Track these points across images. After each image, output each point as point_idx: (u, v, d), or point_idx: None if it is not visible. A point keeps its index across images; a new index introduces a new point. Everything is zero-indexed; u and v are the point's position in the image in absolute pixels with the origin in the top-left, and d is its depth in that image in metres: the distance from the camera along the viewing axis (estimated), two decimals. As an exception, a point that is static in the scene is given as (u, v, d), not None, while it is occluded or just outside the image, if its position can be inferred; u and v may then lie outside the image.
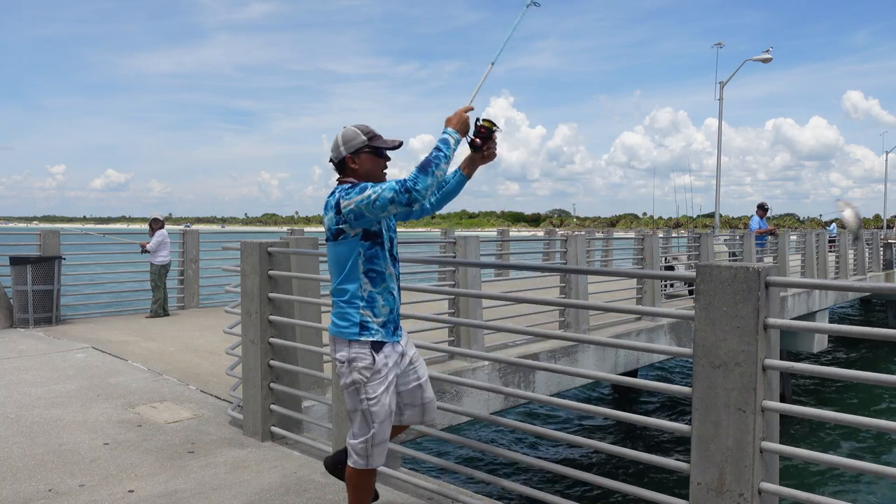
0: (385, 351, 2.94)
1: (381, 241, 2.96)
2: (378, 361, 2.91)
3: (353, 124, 3.04)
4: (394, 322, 2.99)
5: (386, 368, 2.94)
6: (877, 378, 2.55)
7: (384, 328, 2.94)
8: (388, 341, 2.95)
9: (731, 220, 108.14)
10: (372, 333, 2.91)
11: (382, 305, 2.94)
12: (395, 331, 3.00)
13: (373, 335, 2.91)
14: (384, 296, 2.94)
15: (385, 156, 3.03)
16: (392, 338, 2.98)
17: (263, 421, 4.79)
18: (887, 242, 23.40)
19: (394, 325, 2.99)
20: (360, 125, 3.03)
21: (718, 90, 22.36)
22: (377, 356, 2.91)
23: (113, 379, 6.60)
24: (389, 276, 2.98)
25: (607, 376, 3.59)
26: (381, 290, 2.94)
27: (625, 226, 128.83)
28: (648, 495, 3.04)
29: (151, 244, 10.97)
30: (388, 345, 2.96)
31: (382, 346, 2.94)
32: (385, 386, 2.93)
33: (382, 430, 2.97)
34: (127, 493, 3.89)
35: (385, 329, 2.94)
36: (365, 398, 2.92)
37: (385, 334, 2.94)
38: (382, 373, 2.92)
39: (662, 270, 12.96)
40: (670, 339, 10.18)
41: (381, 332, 2.92)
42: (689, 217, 43.88)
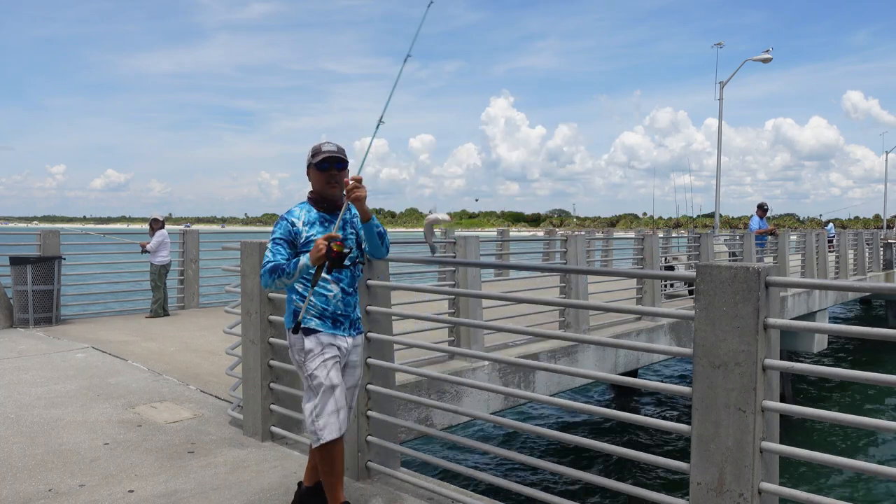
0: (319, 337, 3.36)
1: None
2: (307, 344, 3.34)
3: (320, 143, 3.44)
4: (331, 317, 3.37)
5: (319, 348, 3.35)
6: (877, 378, 2.55)
7: (320, 320, 3.35)
8: (322, 331, 3.35)
9: (731, 220, 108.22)
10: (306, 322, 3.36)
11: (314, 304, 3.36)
12: (333, 325, 3.38)
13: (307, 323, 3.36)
14: (316, 295, 3.35)
15: (324, 168, 3.36)
16: (330, 329, 3.37)
17: (263, 421, 4.79)
18: (887, 242, 23.41)
19: (331, 320, 3.37)
20: (317, 145, 3.43)
21: (718, 90, 22.36)
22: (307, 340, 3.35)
23: (113, 379, 6.60)
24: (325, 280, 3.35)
25: (607, 376, 3.59)
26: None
27: (625, 226, 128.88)
28: (648, 495, 3.04)
29: (151, 244, 10.98)
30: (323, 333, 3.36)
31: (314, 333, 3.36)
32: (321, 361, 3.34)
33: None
34: (127, 493, 3.89)
35: (321, 321, 3.35)
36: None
37: (319, 324, 3.35)
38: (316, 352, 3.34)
39: (662, 270, 12.96)
40: (670, 339, 10.18)
41: (314, 322, 3.34)
42: (689, 217, 43.89)
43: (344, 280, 3.38)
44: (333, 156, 3.32)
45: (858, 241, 19.68)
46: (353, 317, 3.45)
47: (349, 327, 3.42)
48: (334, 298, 3.36)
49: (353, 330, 3.46)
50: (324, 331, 3.34)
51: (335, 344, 3.34)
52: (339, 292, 3.36)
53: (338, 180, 3.34)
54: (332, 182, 3.35)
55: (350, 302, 3.42)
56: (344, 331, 3.39)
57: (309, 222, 3.36)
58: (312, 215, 3.39)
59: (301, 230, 3.35)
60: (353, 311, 3.45)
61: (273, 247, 3.31)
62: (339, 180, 3.34)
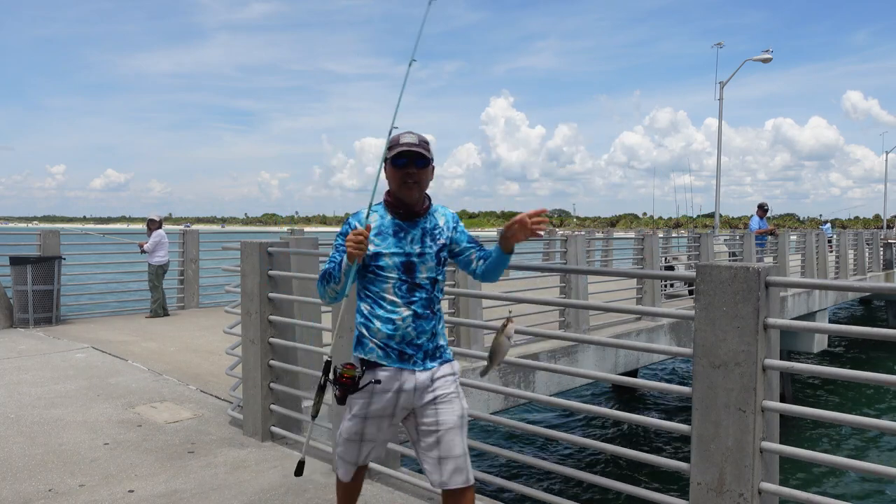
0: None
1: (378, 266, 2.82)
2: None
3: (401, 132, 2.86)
4: (397, 348, 2.77)
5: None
6: (877, 378, 2.55)
7: (382, 351, 2.78)
8: (384, 365, 2.78)
9: (731, 220, 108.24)
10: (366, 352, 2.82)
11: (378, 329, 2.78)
12: (399, 358, 2.78)
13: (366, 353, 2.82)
14: (381, 321, 2.79)
15: (400, 165, 2.77)
16: (395, 363, 2.78)
17: (263, 421, 4.79)
18: (887, 242, 23.40)
19: (397, 352, 2.77)
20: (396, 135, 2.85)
21: (718, 90, 22.36)
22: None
23: (113, 379, 6.60)
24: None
25: (607, 376, 3.60)
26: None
27: (625, 226, 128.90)
28: (648, 495, 3.04)
29: (148, 244, 10.98)
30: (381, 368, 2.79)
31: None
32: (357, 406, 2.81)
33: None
34: (127, 493, 3.88)
35: (383, 353, 2.78)
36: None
37: (381, 357, 2.78)
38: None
39: (662, 270, 12.96)
40: (670, 339, 10.17)
41: (375, 353, 2.78)
42: (689, 217, 43.94)
43: (417, 302, 2.75)
44: (412, 150, 2.72)
45: (858, 241, 19.67)
46: (428, 346, 2.79)
47: (423, 359, 2.77)
48: (403, 323, 2.73)
49: (431, 361, 2.81)
50: (382, 364, 2.75)
51: (398, 382, 2.73)
52: (410, 316, 2.74)
53: (417, 180, 2.75)
54: (410, 182, 2.74)
55: (424, 328, 2.77)
56: (414, 364, 2.75)
57: (380, 231, 2.79)
58: (385, 222, 2.81)
59: (369, 239, 2.76)
60: (430, 339, 2.79)
61: (332, 253, 2.83)
62: (418, 180, 2.75)
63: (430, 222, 2.84)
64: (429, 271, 2.78)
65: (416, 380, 2.75)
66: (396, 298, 2.74)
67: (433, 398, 2.76)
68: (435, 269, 2.80)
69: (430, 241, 2.81)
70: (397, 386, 2.74)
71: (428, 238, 2.81)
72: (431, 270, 2.79)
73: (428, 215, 2.85)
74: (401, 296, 2.74)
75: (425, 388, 2.77)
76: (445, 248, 2.85)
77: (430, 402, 2.76)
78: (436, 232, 2.83)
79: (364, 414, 2.77)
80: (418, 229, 2.80)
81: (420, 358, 2.77)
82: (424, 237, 2.80)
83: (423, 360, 2.77)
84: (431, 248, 2.80)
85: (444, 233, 2.85)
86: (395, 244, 2.76)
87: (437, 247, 2.81)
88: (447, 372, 2.83)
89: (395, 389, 2.74)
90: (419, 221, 2.81)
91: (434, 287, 2.80)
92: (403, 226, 2.80)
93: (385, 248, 2.75)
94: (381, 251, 2.75)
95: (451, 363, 2.87)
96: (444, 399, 2.78)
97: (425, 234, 2.81)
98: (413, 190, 2.75)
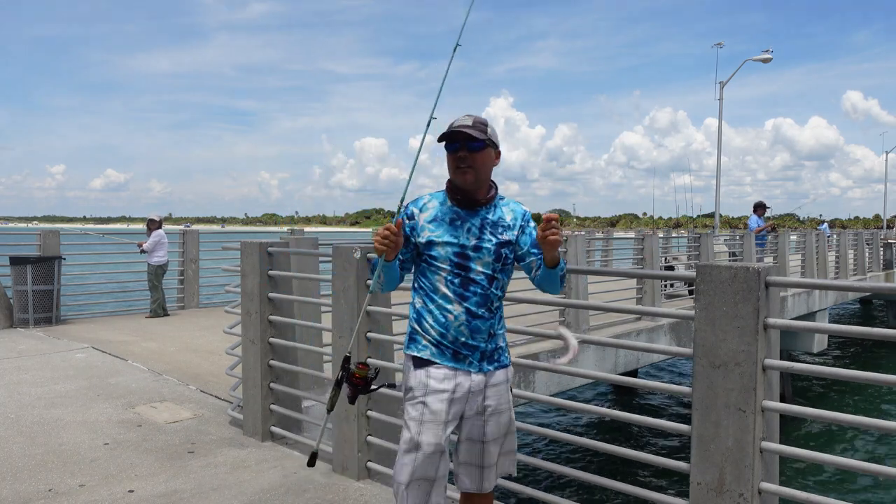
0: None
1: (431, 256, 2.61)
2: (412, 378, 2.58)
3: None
4: (451, 347, 2.55)
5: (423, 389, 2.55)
6: (877, 378, 2.55)
7: (437, 349, 2.57)
8: (437, 362, 2.56)
9: (731, 220, 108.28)
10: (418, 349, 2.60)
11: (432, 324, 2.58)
12: (454, 357, 2.56)
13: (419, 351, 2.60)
14: (433, 316, 2.58)
15: (451, 149, 2.56)
16: (449, 362, 2.56)
17: (263, 421, 4.79)
18: (887, 242, 23.41)
19: (451, 351, 2.56)
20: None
21: (718, 90, 22.37)
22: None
23: (113, 379, 6.60)
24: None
25: (607, 376, 3.60)
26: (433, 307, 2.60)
27: (625, 226, 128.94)
28: (648, 495, 3.04)
29: (148, 244, 10.98)
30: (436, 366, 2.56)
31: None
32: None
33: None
34: (127, 493, 3.88)
35: (437, 350, 2.56)
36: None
37: (435, 354, 2.56)
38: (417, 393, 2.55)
39: (662, 270, 12.96)
40: (670, 339, 10.18)
41: (428, 350, 2.57)
42: (689, 217, 43.89)
43: (471, 298, 2.54)
44: (463, 131, 2.49)
45: (858, 241, 19.68)
46: (486, 347, 2.58)
47: (479, 360, 2.57)
48: (456, 322, 2.53)
49: (488, 364, 2.59)
50: (436, 362, 2.55)
51: (455, 383, 2.52)
52: (464, 314, 2.53)
53: (471, 164, 2.50)
54: (463, 166, 2.51)
55: (479, 328, 2.55)
56: (469, 365, 2.55)
57: (435, 217, 2.58)
58: (443, 209, 2.59)
59: (422, 225, 2.58)
60: (487, 340, 2.58)
61: None
62: (472, 164, 2.50)
63: (493, 214, 2.60)
64: (485, 266, 2.55)
65: (471, 381, 2.55)
66: (448, 292, 2.54)
67: (482, 409, 2.58)
68: (492, 266, 2.56)
69: (489, 234, 2.57)
70: (452, 386, 2.52)
71: (488, 230, 2.57)
72: (488, 266, 2.55)
73: (492, 206, 2.61)
74: (453, 290, 2.54)
75: (478, 393, 2.57)
76: (509, 247, 2.60)
77: (479, 414, 2.58)
78: (499, 226, 2.59)
79: (420, 418, 2.50)
80: (477, 219, 2.57)
81: (476, 359, 2.57)
82: (483, 229, 2.57)
83: (479, 361, 2.57)
84: (490, 243, 2.56)
85: (509, 230, 2.60)
86: (450, 233, 2.55)
87: (498, 241, 2.57)
88: (501, 379, 2.63)
89: (450, 390, 2.52)
90: (480, 211, 2.58)
91: (491, 284, 2.57)
92: (461, 214, 2.58)
93: (437, 237, 2.54)
94: (434, 239, 2.55)
95: (506, 369, 2.67)
96: (495, 411, 2.60)
97: (485, 226, 2.57)
98: (467, 174, 2.51)
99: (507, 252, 2.59)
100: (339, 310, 4.16)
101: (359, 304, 4.05)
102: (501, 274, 2.59)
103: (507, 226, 2.60)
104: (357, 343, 4.07)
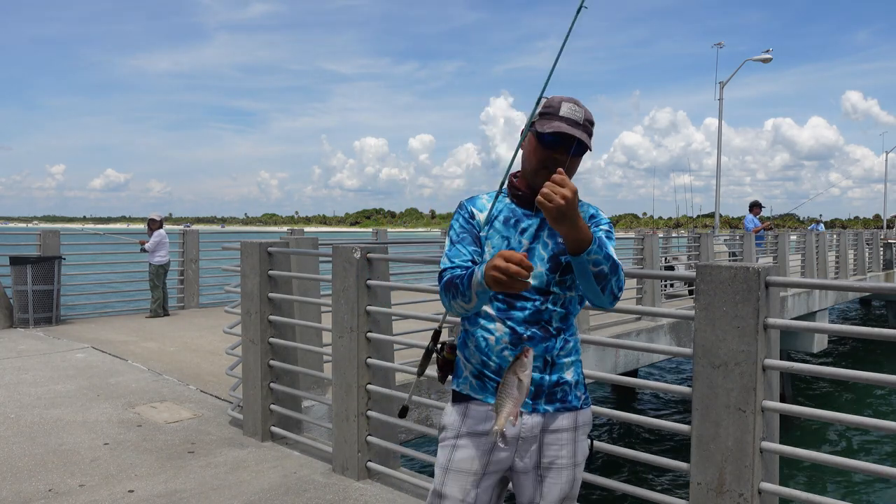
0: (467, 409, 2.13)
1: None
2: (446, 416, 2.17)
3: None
4: (494, 376, 2.07)
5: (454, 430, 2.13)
6: (877, 378, 2.55)
7: (478, 380, 2.11)
8: (475, 398, 2.11)
9: (731, 220, 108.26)
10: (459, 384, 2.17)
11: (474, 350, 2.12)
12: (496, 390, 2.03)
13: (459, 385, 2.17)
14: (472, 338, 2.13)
15: (548, 145, 2.01)
16: (489, 397, 2.08)
17: (263, 421, 4.79)
18: (887, 242, 23.41)
19: (494, 383, 2.06)
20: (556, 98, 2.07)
21: (718, 90, 22.35)
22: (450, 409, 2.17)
23: (113, 379, 6.60)
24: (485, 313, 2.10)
25: (607, 376, 3.59)
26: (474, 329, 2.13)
27: (625, 226, 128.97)
28: (648, 495, 3.04)
29: (150, 244, 10.98)
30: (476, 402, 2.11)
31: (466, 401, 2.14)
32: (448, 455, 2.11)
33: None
34: (127, 493, 3.89)
35: (478, 382, 2.11)
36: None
37: (475, 388, 2.12)
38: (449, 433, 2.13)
39: (662, 270, 12.96)
40: (670, 339, 10.18)
41: (468, 383, 2.13)
42: (689, 217, 43.95)
43: (517, 315, 2.05)
44: (573, 134, 1.97)
45: (858, 241, 19.68)
46: (543, 380, 2.05)
47: (533, 398, 2.04)
48: (498, 346, 2.05)
49: (546, 402, 2.06)
50: (477, 398, 2.09)
51: (489, 426, 2.01)
52: (508, 334, 2.04)
53: (564, 168, 1.91)
54: (553, 169, 1.90)
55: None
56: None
57: (495, 216, 2.13)
58: (500, 208, 2.14)
59: (480, 225, 2.13)
60: (544, 370, 2.05)
61: (448, 250, 2.12)
62: (566, 168, 1.96)
63: None
64: (537, 278, 2.04)
65: (521, 425, 2.03)
66: (491, 309, 2.07)
67: (537, 462, 2.06)
68: (545, 277, 2.05)
69: (547, 237, 2.07)
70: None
71: (545, 233, 2.08)
72: (541, 277, 2.04)
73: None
74: (496, 306, 2.07)
75: (531, 441, 2.05)
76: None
77: (533, 469, 2.05)
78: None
79: (446, 465, 2.08)
80: (537, 220, 2.08)
81: (529, 395, 2.01)
82: (540, 232, 2.08)
83: (533, 398, 2.04)
84: (546, 249, 2.06)
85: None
86: (500, 235, 2.10)
87: (556, 248, 2.06)
88: (566, 425, 2.07)
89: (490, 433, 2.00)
90: (541, 212, 1.94)
91: (547, 299, 2.05)
92: (518, 213, 2.11)
93: (493, 240, 2.10)
94: (486, 240, 2.12)
95: (574, 412, 2.09)
96: (553, 467, 2.06)
97: (542, 229, 2.08)
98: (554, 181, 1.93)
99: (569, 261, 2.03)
100: (339, 310, 4.16)
101: (359, 304, 4.06)
102: (559, 288, 2.06)
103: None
104: (358, 341, 4.07)
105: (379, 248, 4.32)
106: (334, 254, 4.18)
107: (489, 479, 2.06)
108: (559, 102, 2.02)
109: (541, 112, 2.03)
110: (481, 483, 2.05)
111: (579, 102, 2.03)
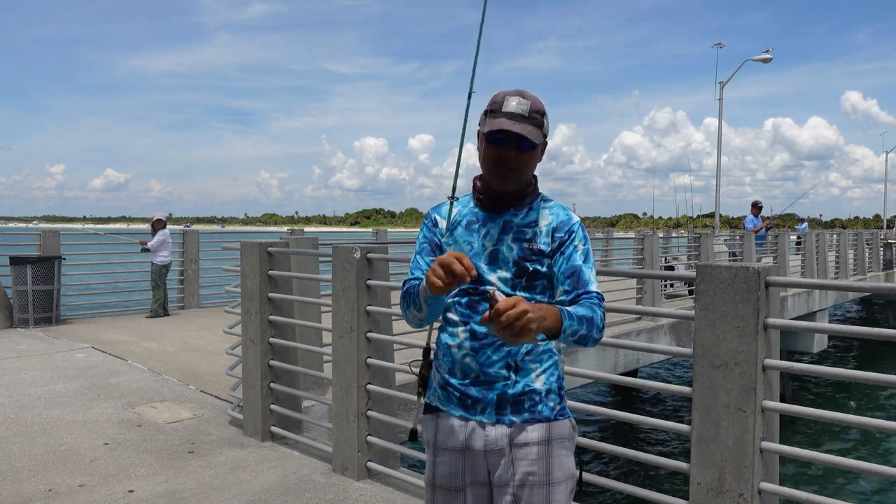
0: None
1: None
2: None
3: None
4: (457, 386, 1.96)
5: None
6: (877, 378, 2.55)
7: (442, 391, 2.01)
8: (442, 410, 2.00)
9: (731, 220, 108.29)
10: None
11: (442, 356, 2.01)
12: (459, 402, 1.95)
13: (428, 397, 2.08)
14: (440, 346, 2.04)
15: (493, 143, 1.92)
16: (454, 409, 1.97)
17: (263, 421, 4.79)
18: (887, 242, 23.42)
19: (457, 393, 1.95)
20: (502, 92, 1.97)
21: (718, 90, 22.37)
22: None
23: (113, 379, 6.60)
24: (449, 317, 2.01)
25: (607, 376, 3.60)
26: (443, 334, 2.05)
27: (625, 226, 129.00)
28: (648, 495, 3.04)
29: (152, 243, 10.97)
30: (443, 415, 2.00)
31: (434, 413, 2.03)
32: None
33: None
34: (127, 493, 3.89)
35: (442, 393, 2.01)
36: None
37: (440, 399, 2.01)
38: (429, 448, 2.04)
39: (662, 270, 12.96)
40: (670, 339, 10.18)
41: (436, 394, 2.03)
42: (689, 217, 43.95)
43: (478, 317, 1.92)
44: (512, 131, 1.86)
45: (858, 241, 19.68)
46: (507, 389, 1.91)
47: (498, 408, 1.90)
48: (460, 351, 1.94)
49: (512, 413, 1.91)
50: (443, 410, 1.98)
51: (462, 436, 1.93)
52: (468, 339, 1.93)
53: (514, 166, 1.91)
54: (506, 168, 1.91)
55: (491, 358, 1.91)
56: (483, 413, 1.91)
57: (458, 222, 2.04)
58: (464, 213, 2.05)
59: (443, 232, 2.06)
60: (508, 377, 1.91)
61: (413, 261, 2.09)
62: (516, 167, 1.92)
63: (522, 217, 1.98)
64: (501, 283, 1.93)
65: (485, 438, 1.90)
66: (455, 315, 1.96)
67: (508, 479, 1.89)
68: (510, 282, 1.93)
69: (511, 240, 1.96)
70: (462, 442, 1.91)
71: (510, 237, 1.96)
72: (506, 282, 1.93)
73: (525, 208, 1.99)
74: (460, 311, 1.96)
75: (498, 454, 1.89)
76: (538, 260, 1.94)
77: (506, 485, 1.89)
78: (526, 232, 1.96)
79: (431, 482, 2.01)
80: (499, 222, 1.98)
81: (491, 405, 1.90)
82: (504, 234, 1.97)
83: (496, 408, 1.90)
84: (510, 252, 1.95)
85: (540, 236, 1.95)
86: (464, 239, 2.00)
87: (521, 253, 1.94)
88: (535, 438, 1.89)
89: (459, 448, 1.92)
90: (504, 213, 1.98)
91: None
92: (481, 216, 2.01)
93: (450, 247, 2.02)
94: (449, 246, 2.03)
95: (546, 424, 1.92)
96: (527, 484, 1.88)
97: (506, 231, 1.97)
98: (508, 179, 1.93)
99: (538, 267, 1.93)
100: (339, 310, 4.16)
101: (359, 304, 4.06)
102: (527, 293, 1.93)
103: (538, 232, 1.95)
104: (358, 341, 4.07)
105: (379, 248, 4.32)
106: (334, 254, 4.18)
107: (475, 492, 1.95)
108: (503, 97, 1.92)
109: (487, 110, 1.94)
110: (466, 499, 1.96)
111: (525, 94, 1.93)
